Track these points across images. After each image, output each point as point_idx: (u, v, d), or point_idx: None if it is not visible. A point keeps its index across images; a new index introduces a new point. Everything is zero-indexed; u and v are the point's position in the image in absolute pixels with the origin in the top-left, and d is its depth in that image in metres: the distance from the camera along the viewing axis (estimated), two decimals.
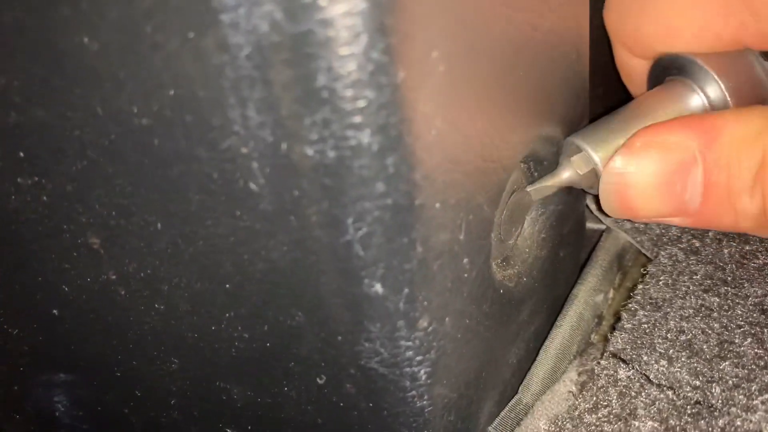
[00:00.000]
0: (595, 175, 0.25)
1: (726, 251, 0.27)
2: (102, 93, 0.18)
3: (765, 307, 0.25)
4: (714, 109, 0.25)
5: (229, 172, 0.18)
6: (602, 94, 0.31)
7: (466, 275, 0.21)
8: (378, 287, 0.19)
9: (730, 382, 0.23)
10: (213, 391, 0.25)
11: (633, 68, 0.28)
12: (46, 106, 0.19)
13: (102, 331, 0.24)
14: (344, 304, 0.20)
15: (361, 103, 0.16)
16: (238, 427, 0.26)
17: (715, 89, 0.25)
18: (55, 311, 0.24)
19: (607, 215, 0.28)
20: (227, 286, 0.21)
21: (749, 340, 0.24)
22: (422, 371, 0.21)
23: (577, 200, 0.30)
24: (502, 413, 0.26)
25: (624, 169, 0.24)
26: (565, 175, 0.25)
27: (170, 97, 0.17)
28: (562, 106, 0.25)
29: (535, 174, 0.25)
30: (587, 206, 0.31)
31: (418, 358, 0.21)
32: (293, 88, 0.16)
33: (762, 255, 0.27)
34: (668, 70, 0.27)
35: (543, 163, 0.25)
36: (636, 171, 0.23)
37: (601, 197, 0.25)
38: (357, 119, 0.16)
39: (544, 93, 0.23)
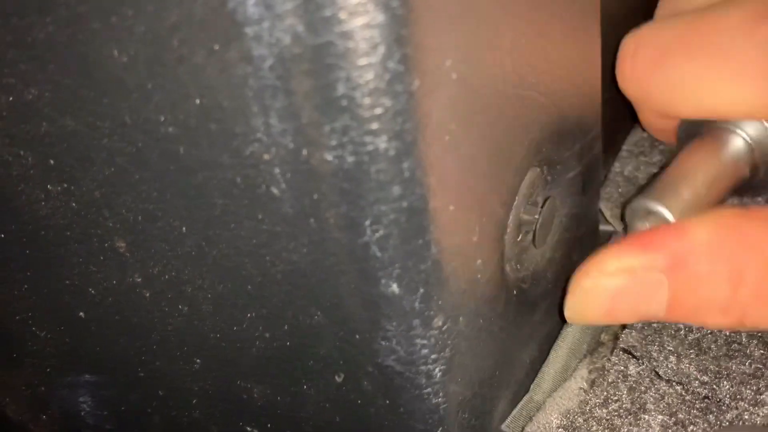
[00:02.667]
0: None
1: None
2: (130, 103, 0.19)
3: None
4: (761, 149, 0.26)
5: (251, 178, 0.19)
6: (612, 98, 0.31)
7: (479, 276, 0.22)
8: (394, 287, 0.20)
9: (738, 378, 0.24)
10: (234, 391, 0.25)
11: (665, 127, 0.28)
12: (75, 115, 0.20)
13: (127, 333, 0.25)
14: (362, 304, 0.20)
15: (379, 111, 0.17)
16: (258, 425, 0.26)
17: (756, 128, 0.26)
18: (81, 313, 0.25)
19: (621, 221, 0.29)
20: (249, 287, 0.22)
21: (755, 341, 0.25)
22: (437, 369, 0.22)
23: (590, 204, 0.30)
24: (514, 411, 0.27)
25: (591, 289, 0.23)
26: None
27: (196, 107, 0.18)
28: (575, 111, 0.26)
29: (549, 178, 0.26)
30: (600, 211, 0.31)
31: (433, 356, 0.21)
32: (314, 97, 0.17)
33: None
34: (707, 120, 0.27)
35: (557, 167, 0.26)
36: (600, 294, 0.23)
37: (567, 304, 0.24)
38: (374, 126, 0.17)
39: (557, 98, 0.24)
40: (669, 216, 0.25)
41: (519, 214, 0.24)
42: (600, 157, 0.29)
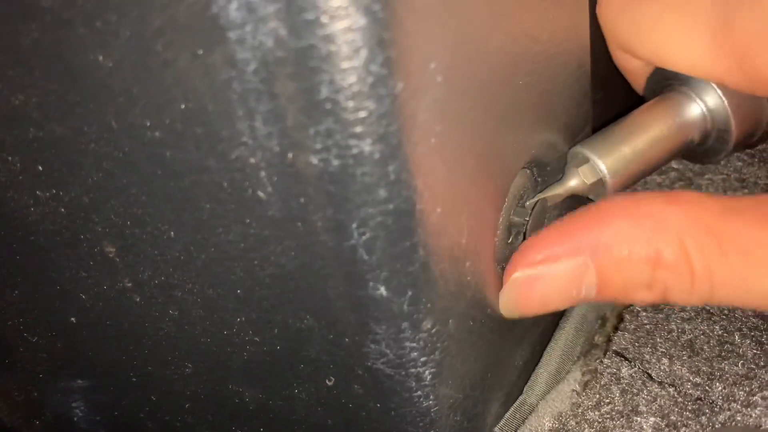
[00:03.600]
0: (601, 184, 0.26)
1: None
2: (116, 108, 0.19)
3: (762, 312, 0.25)
4: (714, 118, 0.26)
5: (238, 182, 0.19)
6: (602, 98, 0.31)
7: (469, 278, 0.22)
8: (382, 290, 0.20)
9: (731, 379, 0.24)
10: (225, 395, 0.25)
11: (633, 69, 0.29)
12: (62, 121, 0.20)
13: (118, 338, 0.25)
14: (350, 307, 0.20)
15: (363, 114, 0.17)
16: (251, 429, 0.26)
17: (714, 98, 0.26)
18: (72, 318, 0.25)
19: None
20: (238, 291, 0.22)
21: (748, 341, 0.25)
22: (427, 372, 0.22)
23: (580, 206, 0.30)
24: (507, 414, 0.27)
25: (520, 282, 0.24)
26: (572, 183, 0.26)
27: (181, 111, 0.18)
28: (564, 113, 0.26)
29: (539, 179, 0.26)
30: None
31: (423, 359, 0.21)
32: (298, 100, 0.17)
33: None
34: (668, 79, 0.27)
35: (546, 169, 0.26)
36: (533, 283, 0.24)
37: (501, 299, 0.25)
38: (359, 129, 0.17)
39: (545, 100, 0.24)
40: (603, 168, 0.25)
41: (509, 216, 0.24)
42: None
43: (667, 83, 0.27)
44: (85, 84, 0.19)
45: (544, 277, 0.23)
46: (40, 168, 0.21)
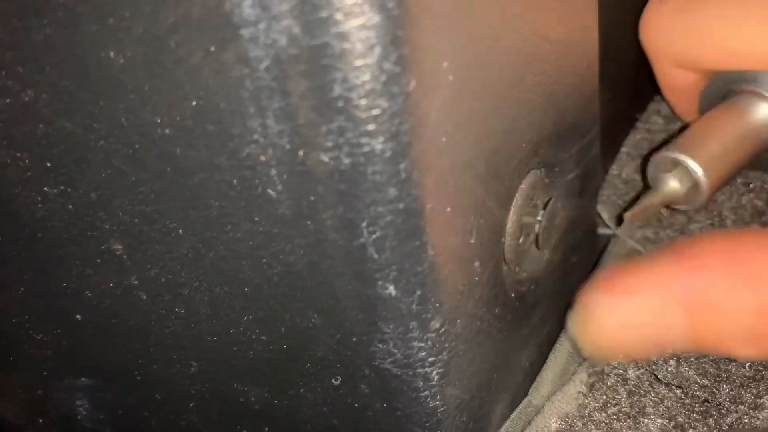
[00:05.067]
0: (696, 188, 0.24)
1: None
2: (127, 105, 0.19)
3: None
4: None
5: (248, 179, 0.19)
6: (610, 99, 0.31)
7: (477, 278, 0.22)
8: (391, 289, 0.19)
9: (738, 381, 0.24)
10: (231, 394, 0.25)
11: (687, 85, 0.27)
12: (72, 117, 0.20)
13: (124, 336, 0.25)
14: (359, 306, 0.20)
15: (375, 112, 0.17)
16: (255, 429, 0.26)
17: None
18: (78, 316, 0.25)
19: (618, 224, 0.29)
20: (246, 289, 0.22)
21: None
22: (435, 372, 0.22)
23: (589, 207, 0.30)
24: (513, 415, 0.26)
25: (595, 311, 0.22)
26: (667, 189, 0.24)
27: (192, 108, 0.18)
28: (573, 113, 0.26)
29: (547, 180, 0.26)
30: (598, 214, 0.31)
31: (431, 359, 0.21)
32: (310, 98, 0.17)
33: None
34: (733, 83, 0.26)
35: (554, 169, 0.26)
36: (606, 317, 0.22)
37: (575, 331, 0.23)
38: (371, 127, 0.17)
39: (554, 100, 0.24)
40: (697, 169, 0.24)
41: (520, 217, 0.24)
42: (598, 159, 0.29)
43: (731, 88, 0.26)
44: (97, 80, 0.19)
45: (629, 327, 0.21)
46: (49, 164, 0.21)
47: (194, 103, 0.18)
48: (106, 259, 0.23)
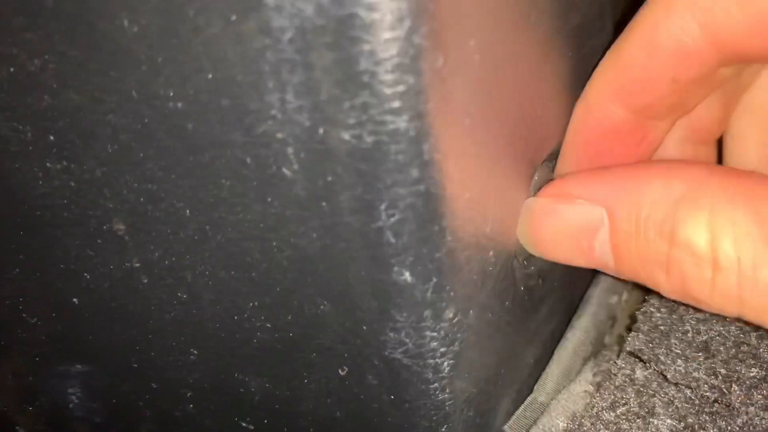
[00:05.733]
0: None
1: None
2: (138, 76, 0.18)
3: None
4: None
5: (262, 157, 0.18)
6: None
7: (491, 268, 0.21)
8: (407, 275, 0.19)
9: (748, 382, 0.24)
10: (230, 384, 0.25)
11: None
12: (80, 89, 0.19)
13: (122, 321, 0.24)
14: (372, 293, 0.20)
15: (401, 88, 0.16)
16: (254, 420, 0.25)
17: None
18: (75, 300, 0.24)
19: None
20: (253, 274, 0.21)
21: (766, 343, 0.25)
22: (446, 363, 0.21)
23: None
24: (518, 412, 0.26)
25: (534, 211, 0.22)
26: None
27: (207, 81, 0.18)
28: None
29: (555, 176, 0.25)
30: None
31: (442, 349, 0.21)
32: (334, 72, 0.16)
33: None
34: None
35: None
36: (544, 217, 0.22)
37: (518, 226, 0.22)
38: (396, 104, 0.16)
39: (573, 89, 0.24)
40: None
41: None
42: None
43: None
44: (108, 51, 0.18)
45: (556, 214, 0.21)
46: (52, 138, 0.20)
47: (210, 75, 0.17)
48: (107, 239, 0.22)
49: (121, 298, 0.23)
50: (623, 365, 0.25)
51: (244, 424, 0.26)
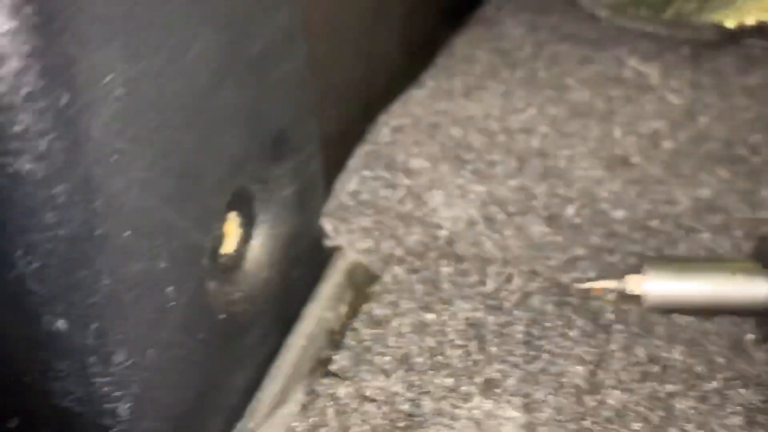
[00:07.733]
0: None
1: (443, 270, 0.29)
2: None
3: (471, 321, 0.27)
4: None
5: None
6: (336, 115, 0.32)
7: (172, 304, 0.21)
8: (61, 323, 0.18)
9: (440, 393, 0.25)
10: None
11: None
12: None
13: None
14: (26, 344, 0.18)
15: (17, 129, 0.15)
16: None
17: None
18: None
19: (338, 235, 0.29)
20: None
21: (459, 352, 0.26)
22: (125, 407, 0.20)
23: (311, 221, 0.30)
24: None
25: None
26: None
27: None
28: (286, 128, 0.25)
29: (259, 197, 0.24)
30: (323, 227, 0.31)
31: (117, 393, 0.20)
32: None
33: (473, 273, 0.28)
34: None
35: (267, 184, 0.25)
36: None
37: None
38: (13, 145, 0.15)
39: (261, 114, 0.23)
40: None
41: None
42: (319, 174, 0.29)
43: None
44: None
45: None
46: None
47: None
48: None
49: None
50: (329, 384, 0.26)
51: None
